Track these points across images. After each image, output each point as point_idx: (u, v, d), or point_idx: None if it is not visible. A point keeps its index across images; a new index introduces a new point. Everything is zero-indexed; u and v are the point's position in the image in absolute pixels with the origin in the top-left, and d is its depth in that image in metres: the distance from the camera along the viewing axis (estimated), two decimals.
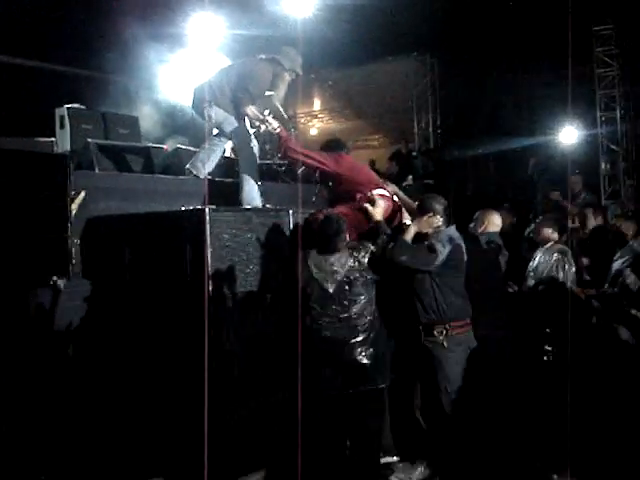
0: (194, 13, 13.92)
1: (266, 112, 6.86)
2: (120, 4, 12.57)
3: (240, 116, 6.90)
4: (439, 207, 5.16)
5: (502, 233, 6.49)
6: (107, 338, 5.20)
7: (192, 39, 13.86)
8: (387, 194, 6.01)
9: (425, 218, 5.10)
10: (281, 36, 13.56)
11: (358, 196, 5.81)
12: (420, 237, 5.05)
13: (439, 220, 5.11)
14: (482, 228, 6.28)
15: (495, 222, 6.36)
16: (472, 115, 15.96)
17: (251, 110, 6.82)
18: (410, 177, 13.26)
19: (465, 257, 5.10)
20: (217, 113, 6.87)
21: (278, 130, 6.64)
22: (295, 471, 3.90)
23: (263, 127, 6.92)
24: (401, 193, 6.28)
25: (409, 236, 5.00)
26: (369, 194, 5.68)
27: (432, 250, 4.86)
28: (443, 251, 4.88)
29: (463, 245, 5.11)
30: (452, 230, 5.22)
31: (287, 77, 7.26)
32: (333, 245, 4.85)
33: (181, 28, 13.76)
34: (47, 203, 5.05)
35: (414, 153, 14.81)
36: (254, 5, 14.02)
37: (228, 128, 6.90)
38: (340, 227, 4.87)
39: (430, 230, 5.07)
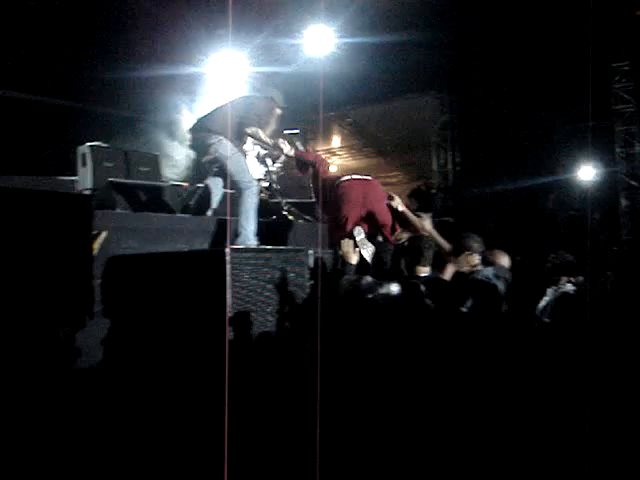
0: (216, 51, 14.11)
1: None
2: (142, 43, 12.75)
3: (244, 152, 6.99)
4: (477, 245, 5.17)
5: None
6: (125, 381, 5.19)
7: (214, 77, 14.02)
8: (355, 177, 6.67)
9: (463, 257, 5.10)
10: (301, 73, 13.74)
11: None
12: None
13: (477, 259, 5.12)
14: None
15: (504, 262, 6.35)
16: (491, 152, 15.97)
17: (262, 134, 6.95)
18: (429, 214, 13.24)
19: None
20: (225, 148, 6.82)
21: (291, 152, 6.86)
22: None
23: (276, 152, 7.10)
24: (434, 231, 6.35)
25: (447, 275, 5.00)
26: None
27: None
28: None
29: (500, 286, 5.10)
30: (490, 270, 5.22)
31: (278, 112, 7.45)
32: None
33: (204, 67, 13.95)
34: (69, 243, 5.06)
35: (433, 190, 14.82)
36: (275, 43, 14.18)
37: (233, 165, 6.83)
38: None
39: (467, 269, 5.06)
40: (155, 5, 12.73)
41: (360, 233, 6.55)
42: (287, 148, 7.41)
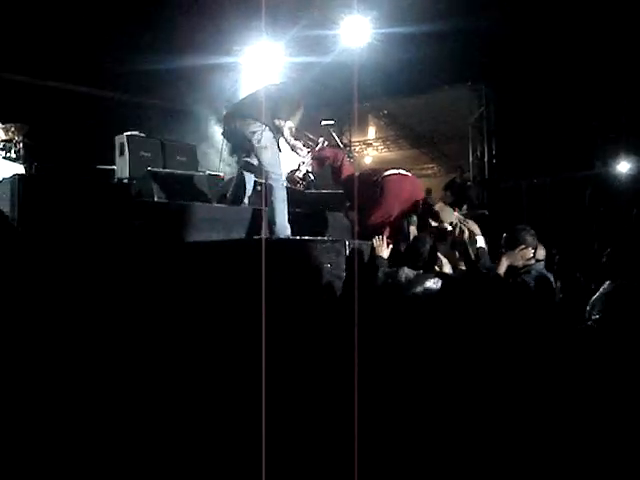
0: (253, 42, 14.15)
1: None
2: (181, 36, 12.83)
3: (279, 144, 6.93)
4: (530, 239, 5.10)
5: None
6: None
7: (251, 67, 14.08)
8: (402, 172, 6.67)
9: (517, 251, 5.04)
10: (337, 64, 13.74)
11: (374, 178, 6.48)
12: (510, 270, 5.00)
13: (531, 252, 5.07)
14: None
15: (540, 255, 6.29)
16: (527, 144, 15.83)
17: (286, 130, 6.87)
18: (465, 207, 13.18)
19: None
20: (267, 138, 6.69)
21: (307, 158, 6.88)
22: None
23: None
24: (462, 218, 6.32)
25: (502, 269, 4.95)
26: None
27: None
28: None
29: (552, 281, 5.08)
30: (541, 266, 5.18)
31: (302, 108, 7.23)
32: None
33: (241, 57, 14.01)
34: (110, 232, 5.13)
35: (469, 182, 14.72)
36: (311, 34, 14.17)
37: (269, 157, 6.71)
38: None
39: (522, 263, 5.01)
40: None
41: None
42: (304, 153, 7.41)
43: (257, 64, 14.14)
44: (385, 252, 5.44)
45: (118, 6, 12.44)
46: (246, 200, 7.25)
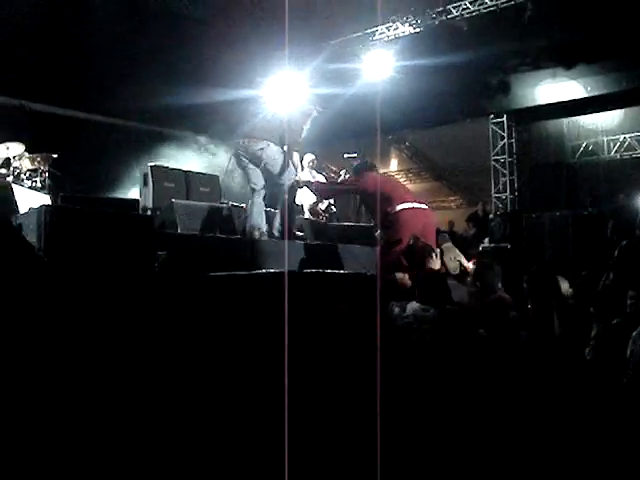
0: (276, 74, 14.29)
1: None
2: (202, 68, 13.00)
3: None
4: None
5: None
6: None
7: (274, 98, 14.18)
8: (416, 206, 6.54)
9: None
10: (360, 96, 13.84)
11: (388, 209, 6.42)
12: None
13: None
14: None
15: (564, 288, 6.25)
16: (550, 177, 15.80)
17: (295, 156, 7.30)
18: (487, 240, 13.17)
19: None
20: (272, 151, 7.25)
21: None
22: None
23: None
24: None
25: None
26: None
27: None
28: None
29: None
30: None
31: (315, 114, 7.88)
32: None
33: (264, 88, 14.14)
34: (132, 264, 5.16)
35: (491, 215, 14.70)
36: (334, 66, 14.30)
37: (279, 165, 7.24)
38: None
39: None
40: (217, 30, 12.99)
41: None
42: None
43: (279, 95, 14.26)
44: (408, 283, 5.45)
45: (141, 39, 12.66)
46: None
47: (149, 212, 9.10)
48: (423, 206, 6.78)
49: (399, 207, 6.57)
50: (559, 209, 14.92)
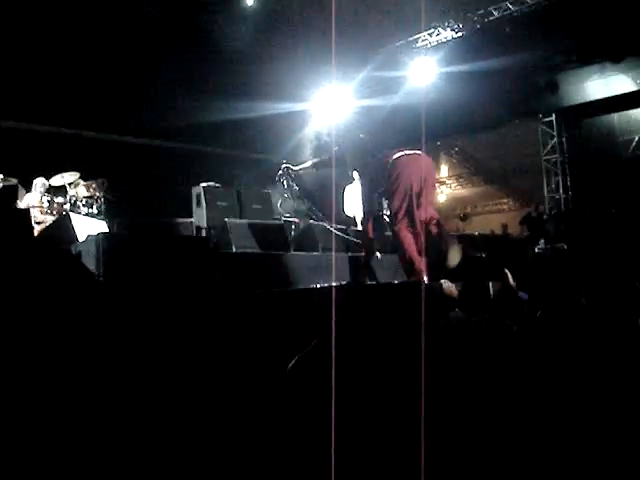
0: (324, 86, 14.38)
1: None
2: (251, 85, 13.13)
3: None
4: None
5: None
6: None
7: (321, 111, 14.29)
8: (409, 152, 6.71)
9: None
10: (406, 104, 13.84)
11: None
12: None
13: None
14: None
15: None
16: (603, 174, 15.57)
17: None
18: (542, 241, 13.02)
19: None
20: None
21: None
22: None
23: None
24: None
25: None
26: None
27: None
28: None
29: None
30: None
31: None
32: None
33: (311, 102, 14.25)
34: (189, 286, 5.24)
35: (545, 216, 14.54)
36: (379, 76, 14.33)
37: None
38: None
39: None
40: (264, 46, 13.12)
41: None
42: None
43: (326, 109, 14.36)
44: (454, 293, 5.43)
45: (187, 59, 12.87)
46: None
47: (204, 232, 9.21)
48: (417, 152, 6.86)
49: (395, 155, 6.77)
50: (614, 206, 14.71)
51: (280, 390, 5.14)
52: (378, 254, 7.24)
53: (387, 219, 9.66)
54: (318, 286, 5.56)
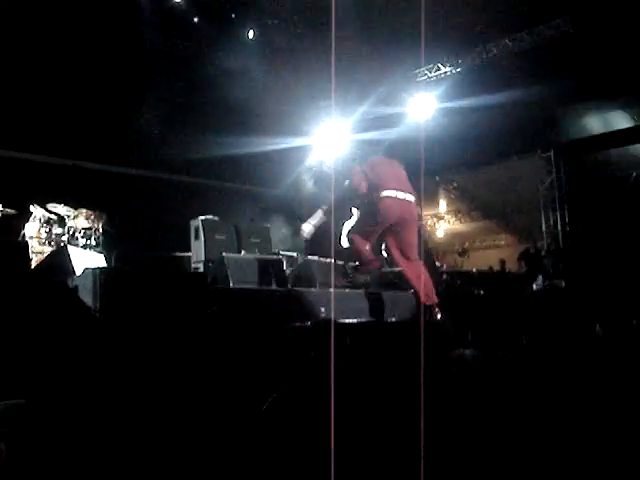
0: (322, 122, 14.46)
1: None
2: (253, 120, 13.22)
3: None
4: None
5: None
6: None
7: (320, 146, 14.35)
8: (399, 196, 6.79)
9: None
10: (404, 139, 13.89)
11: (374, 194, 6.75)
12: None
13: None
14: None
15: None
16: (601, 211, 15.60)
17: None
18: (540, 277, 13.01)
19: None
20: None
21: None
22: None
23: None
24: None
25: None
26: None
27: None
28: None
29: None
30: None
31: None
32: None
33: (310, 137, 14.33)
34: (185, 321, 5.23)
35: (543, 252, 14.54)
36: (379, 111, 14.42)
37: None
38: None
39: None
40: (265, 82, 13.22)
41: None
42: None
43: (325, 143, 14.43)
44: (451, 330, 5.44)
45: (187, 94, 12.98)
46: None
47: (201, 265, 9.22)
48: (407, 197, 6.93)
49: (383, 194, 6.80)
50: (613, 244, 14.72)
51: (260, 426, 5.11)
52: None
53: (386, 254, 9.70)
54: (313, 322, 5.52)
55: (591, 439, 4.55)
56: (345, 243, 9.44)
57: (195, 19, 13.51)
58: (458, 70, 14.27)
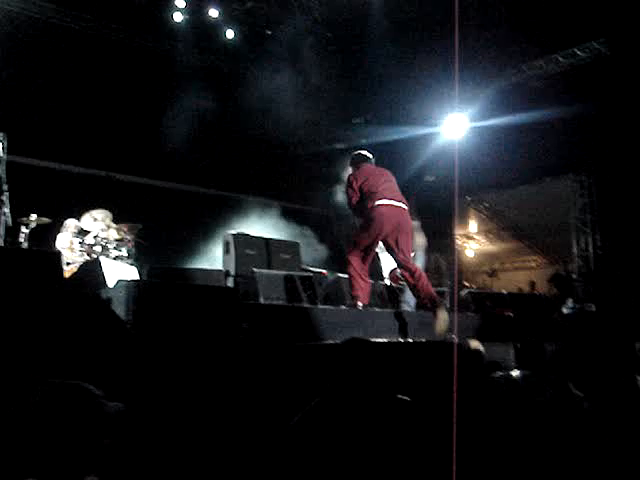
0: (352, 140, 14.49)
1: None
2: (285, 134, 13.29)
3: None
4: None
5: None
6: None
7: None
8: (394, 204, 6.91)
9: None
10: (437, 159, 13.90)
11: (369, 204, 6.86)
12: None
13: None
14: None
15: None
16: (633, 236, 15.44)
17: None
18: (570, 300, 12.89)
19: None
20: None
21: None
22: None
23: None
24: None
25: None
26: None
27: None
28: None
29: None
30: None
31: None
32: None
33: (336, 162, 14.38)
34: (217, 336, 5.24)
35: (574, 275, 14.41)
36: (408, 129, 14.42)
37: None
38: None
39: None
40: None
41: None
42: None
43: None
44: (483, 351, 5.36)
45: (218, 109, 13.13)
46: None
47: (231, 280, 9.23)
48: (402, 205, 7.04)
49: (377, 202, 6.90)
50: None
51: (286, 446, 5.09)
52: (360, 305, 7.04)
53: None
54: (343, 341, 5.49)
55: None
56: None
57: (229, 34, 13.70)
58: (491, 90, 14.25)
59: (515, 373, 4.91)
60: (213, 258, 11.32)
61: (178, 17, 13.31)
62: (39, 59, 11.84)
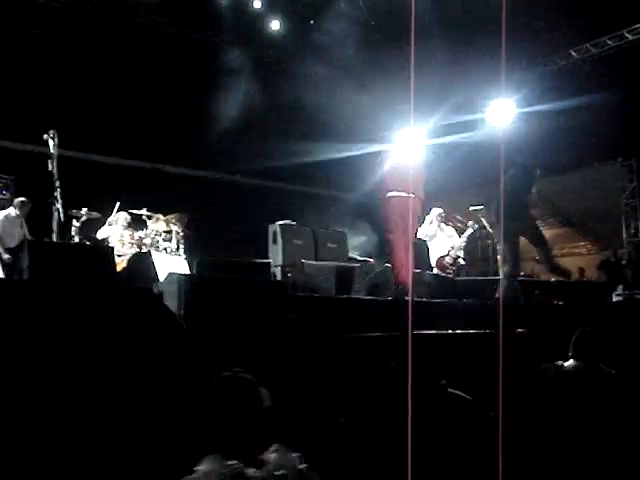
0: (403, 127, 14.44)
1: None
2: (332, 126, 13.30)
3: None
4: None
5: None
6: None
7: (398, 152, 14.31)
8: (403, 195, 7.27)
9: None
10: (481, 145, 13.78)
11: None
12: None
13: None
14: None
15: None
16: None
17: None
18: (620, 287, 12.69)
19: None
20: None
21: None
22: None
23: None
24: None
25: None
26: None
27: None
28: None
29: None
30: None
31: None
32: None
33: (389, 143, 14.32)
34: (267, 328, 5.30)
35: (624, 261, 14.19)
36: (456, 117, 14.32)
37: None
38: None
39: None
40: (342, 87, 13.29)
41: None
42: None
43: (403, 148, 14.37)
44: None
45: (266, 98, 13.15)
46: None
47: (279, 270, 9.29)
48: (410, 195, 7.54)
49: (387, 195, 7.51)
50: None
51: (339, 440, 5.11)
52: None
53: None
54: (392, 332, 5.51)
55: None
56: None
57: (274, 26, 13.71)
58: (538, 75, 14.08)
59: (567, 364, 4.77)
60: (260, 249, 11.40)
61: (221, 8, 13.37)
62: (87, 54, 12.00)
